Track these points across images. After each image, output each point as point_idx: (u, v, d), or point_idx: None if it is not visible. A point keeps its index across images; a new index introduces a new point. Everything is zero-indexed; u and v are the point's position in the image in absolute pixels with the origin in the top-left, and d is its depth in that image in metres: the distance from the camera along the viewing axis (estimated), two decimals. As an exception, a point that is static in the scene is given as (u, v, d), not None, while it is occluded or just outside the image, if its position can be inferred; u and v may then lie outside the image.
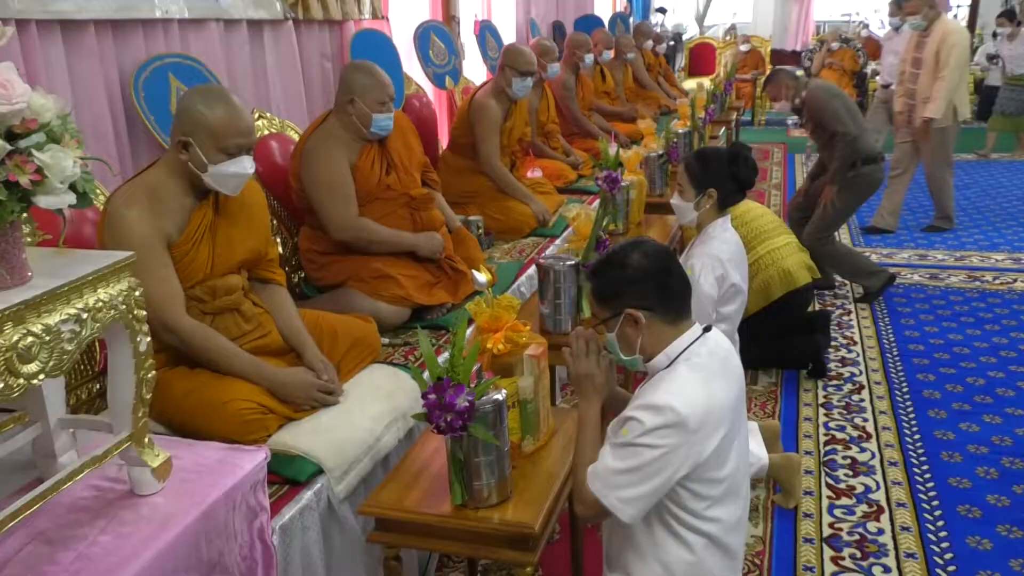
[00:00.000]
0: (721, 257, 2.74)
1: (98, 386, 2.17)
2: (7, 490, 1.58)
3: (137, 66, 2.67)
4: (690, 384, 1.58)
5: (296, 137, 3.06)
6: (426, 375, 1.71)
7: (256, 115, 3.12)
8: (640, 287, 1.64)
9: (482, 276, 2.01)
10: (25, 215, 1.23)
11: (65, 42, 2.44)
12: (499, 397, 1.73)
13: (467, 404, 1.64)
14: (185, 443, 1.73)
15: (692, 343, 1.65)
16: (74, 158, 1.23)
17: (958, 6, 15.01)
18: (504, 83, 3.89)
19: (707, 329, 1.71)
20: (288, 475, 1.89)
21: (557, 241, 3.79)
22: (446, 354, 2.33)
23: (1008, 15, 9.23)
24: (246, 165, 2.03)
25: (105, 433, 1.65)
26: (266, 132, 3.09)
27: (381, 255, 2.76)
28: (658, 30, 10.97)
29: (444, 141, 4.57)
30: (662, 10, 13.03)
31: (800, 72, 10.37)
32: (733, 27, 13.66)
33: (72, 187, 1.25)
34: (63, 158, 1.21)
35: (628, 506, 1.57)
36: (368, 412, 2.13)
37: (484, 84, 4.25)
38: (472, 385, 1.68)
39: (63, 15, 2.41)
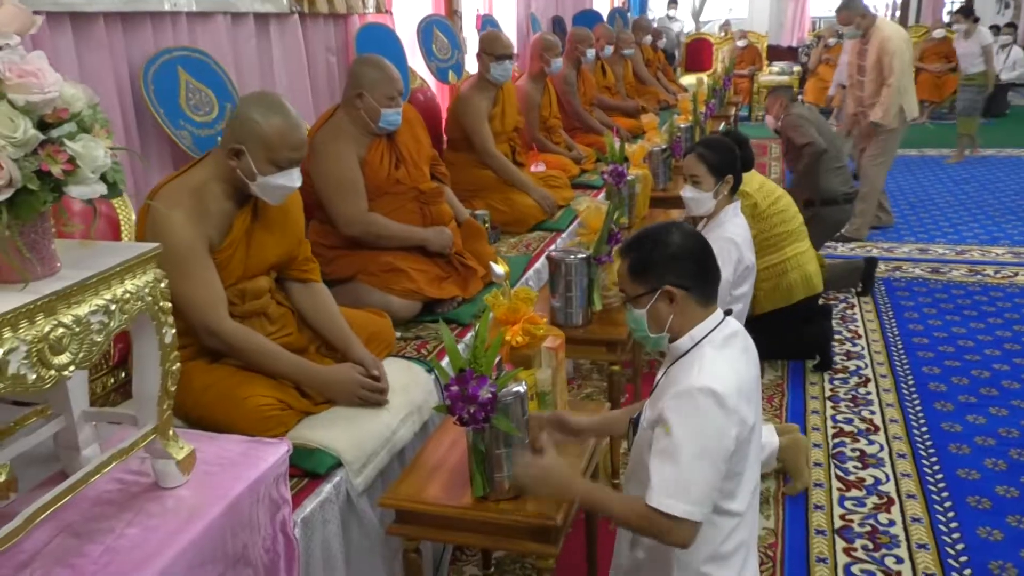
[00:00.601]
0: (736, 240, 2.77)
1: (112, 380, 2.15)
2: (29, 483, 1.57)
3: (146, 59, 2.65)
4: (718, 363, 1.60)
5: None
6: (443, 362, 1.71)
7: (264, 109, 3.11)
8: (682, 265, 1.64)
9: (500, 268, 2.01)
10: (53, 206, 1.22)
11: (75, 34, 2.43)
12: (520, 389, 1.73)
13: (490, 396, 1.64)
14: (206, 436, 1.73)
15: (716, 327, 1.67)
16: (105, 148, 1.23)
17: (952, 1, 15.06)
18: (483, 70, 3.92)
19: (727, 313, 1.73)
20: (307, 468, 1.89)
21: (563, 235, 3.80)
22: (460, 346, 2.34)
23: (964, 11, 8.88)
24: (294, 178, 2.01)
25: (125, 426, 1.65)
26: (274, 126, 3.08)
27: (391, 250, 2.75)
28: (656, 24, 11.00)
29: (445, 134, 4.56)
30: (674, 1, 12.95)
31: (797, 68, 10.36)
32: (727, 23, 13.66)
33: (102, 177, 1.25)
34: (94, 148, 1.21)
35: (700, 507, 1.53)
36: (385, 404, 2.13)
37: (467, 79, 4.26)
38: (493, 377, 1.68)
39: (73, 7, 2.39)
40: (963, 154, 8.25)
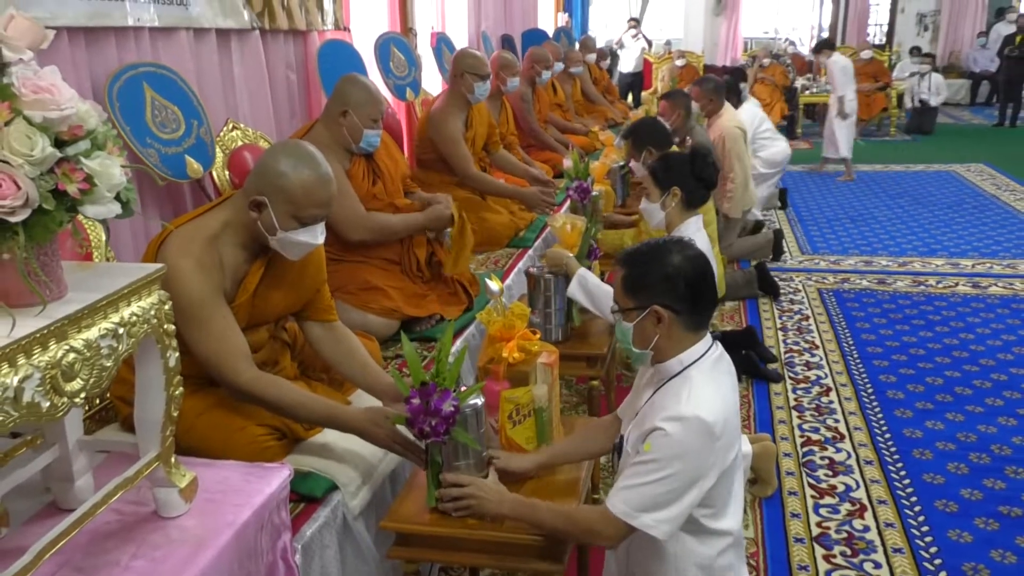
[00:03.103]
0: None
1: (88, 406, 2.07)
2: (18, 517, 1.50)
3: (111, 75, 2.58)
4: (708, 391, 1.59)
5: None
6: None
7: (230, 126, 3.06)
8: (674, 287, 1.61)
9: (494, 285, 2.00)
10: (71, 226, 1.17)
11: (38, 50, 2.34)
12: (478, 402, 1.74)
13: (452, 409, 1.64)
14: (204, 462, 1.67)
15: (705, 353, 1.65)
16: (120, 166, 1.19)
17: (877, 24, 15.72)
18: (465, 89, 3.82)
19: (716, 338, 1.72)
20: (304, 492, 1.84)
21: (530, 251, 3.81)
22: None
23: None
24: (317, 234, 1.90)
25: (113, 454, 1.59)
26: (239, 143, 3.03)
27: (369, 267, 2.72)
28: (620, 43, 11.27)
29: (406, 152, 4.54)
30: (635, 19, 13.01)
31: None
32: (669, 42, 13.99)
33: (116, 197, 1.20)
34: (111, 166, 1.16)
35: (665, 524, 1.55)
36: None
37: (437, 98, 4.21)
38: (455, 391, 1.67)
39: (36, 22, 2.31)
40: None
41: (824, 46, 8.81)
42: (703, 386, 1.59)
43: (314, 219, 1.88)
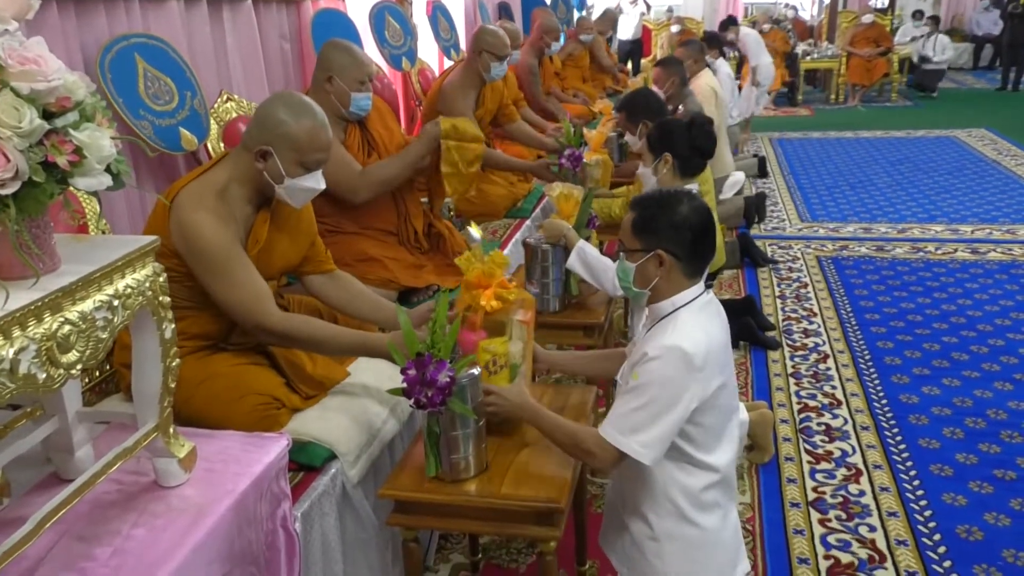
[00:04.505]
0: None
1: (87, 379, 2.08)
2: (19, 488, 1.51)
3: (102, 47, 2.55)
4: (691, 326, 1.70)
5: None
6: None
7: (224, 97, 3.03)
8: (680, 235, 1.72)
9: (476, 233, 2.00)
10: (63, 198, 1.17)
11: (24, 20, 2.32)
12: (475, 372, 1.76)
13: (448, 379, 1.65)
14: (204, 432, 1.69)
15: (696, 297, 1.76)
16: (110, 138, 1.18)
17: (879, -12, 15.51)
18: (481, 68, 3.73)
19: (708, 287, 1.83)
20: (303, 461, 1.86)
21: (528, 222, 3.80)
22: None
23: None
24: (319, 179, 1.98)
25: (113, 425, 1.60)
26: (234, 115, 3.01)
27: (366, 238, 2.72)
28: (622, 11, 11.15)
29: (403, 122, 4.51)
30: None
31: (733, 54, 10.55)
32: (670, 9, 13.83)
33: (107, 169, 1.20)
34: (100, 137, 1.16)
35: (648, 449, 1.65)
36: (373, 396, 2.11)
37: (450, 71, 4.14)
38: (451, 361, 1.69)
39: (24, -8, 2.28)
40: None
41: (729, 23, 9.14)
42: (688, 322, 1.72)
43: (317, 164, 1.96)
